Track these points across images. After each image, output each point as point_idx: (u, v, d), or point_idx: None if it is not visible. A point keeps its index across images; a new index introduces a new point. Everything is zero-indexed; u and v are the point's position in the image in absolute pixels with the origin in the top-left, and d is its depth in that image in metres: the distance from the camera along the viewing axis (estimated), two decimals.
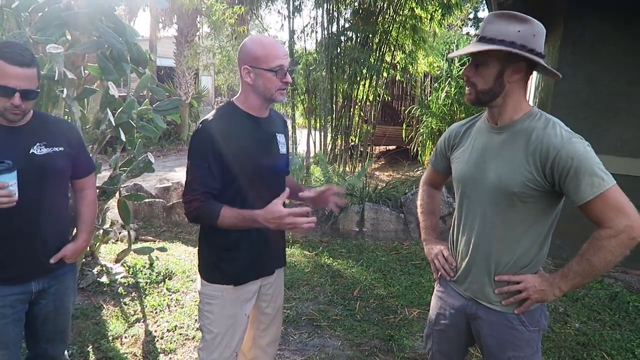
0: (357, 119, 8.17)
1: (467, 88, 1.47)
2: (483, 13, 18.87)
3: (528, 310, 1.48)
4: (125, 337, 2.86)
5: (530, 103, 1.49)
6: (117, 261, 3.74)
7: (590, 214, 1.33)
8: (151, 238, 4.91)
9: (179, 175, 7.99)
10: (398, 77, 9.10)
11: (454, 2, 7.01)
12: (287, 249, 4.51)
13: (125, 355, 2.68)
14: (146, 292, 3.44)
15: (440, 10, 7.12)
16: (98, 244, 3.73)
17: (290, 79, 1.67)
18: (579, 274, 1.36)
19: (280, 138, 1.80)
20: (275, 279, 1.89)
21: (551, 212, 1.45)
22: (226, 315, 1.74)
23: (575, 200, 1.33)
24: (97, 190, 2.92)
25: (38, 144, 1.71)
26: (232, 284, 1.72)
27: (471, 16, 18.99)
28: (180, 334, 2.91)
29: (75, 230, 2.06)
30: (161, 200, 5.66)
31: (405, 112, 9.98)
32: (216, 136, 1.59)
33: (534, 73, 1.50)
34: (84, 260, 3.53)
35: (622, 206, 1.29)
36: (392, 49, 7.67)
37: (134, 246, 3.57)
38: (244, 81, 1.65)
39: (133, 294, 3.40)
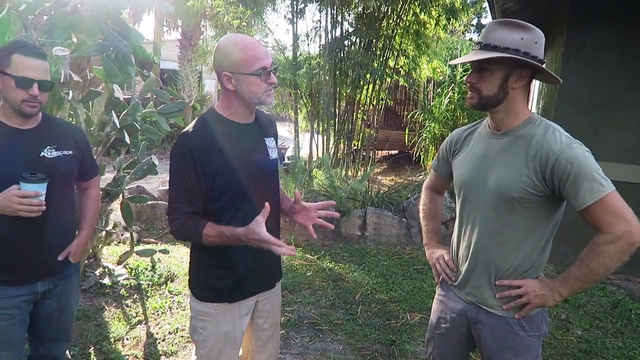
0: (359, 123, 8.19)
1: (469, 92, 1.48)
2: (486, 20, 18.90)
3: (529, 315, 1.49)
4: (127, 339, 2.87)
5: (534, 109, 1.50)
6: (119, 263, 3.75)
7: (589, 219, 1.34)
8: (153, 240, 4.92)
9: None
10: (401, 82, 9.12)
11: (459, 7, 7.03)
12: None
13: (127, 357, 2.69)
14: (148, 294, 3.45)
15: (445, 15, 7.15)
16: (101, 245, 3.75)
17: (275, 78, 1.54)
18: (578, 279, 1.37)
19: (270, 142, 1.68)
20: (272, 294, 1.80)
21: (552, 218, 1.45)
22: (220, 332, 1.66)
23: (575, 206, 1.34)
24: (101, 192, 2.94)
25: (48, 147, 1.73)
26: (226, 301, 1.65)
27: (474, 22, 19.01)
28: (182, 337, 2.92)
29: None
30: (164, 202, 5.66)
31: (408, 117, 10.01)
32: (197, 150, 1.48)
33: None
34: (86, 262, 3.55)
35: (621, 212, 1.30)
36: (396, 53, 7.70)
37: (136, 248, 3.58)
38: (225, 88, 1.53)
39: (135, 295, 3.41)
